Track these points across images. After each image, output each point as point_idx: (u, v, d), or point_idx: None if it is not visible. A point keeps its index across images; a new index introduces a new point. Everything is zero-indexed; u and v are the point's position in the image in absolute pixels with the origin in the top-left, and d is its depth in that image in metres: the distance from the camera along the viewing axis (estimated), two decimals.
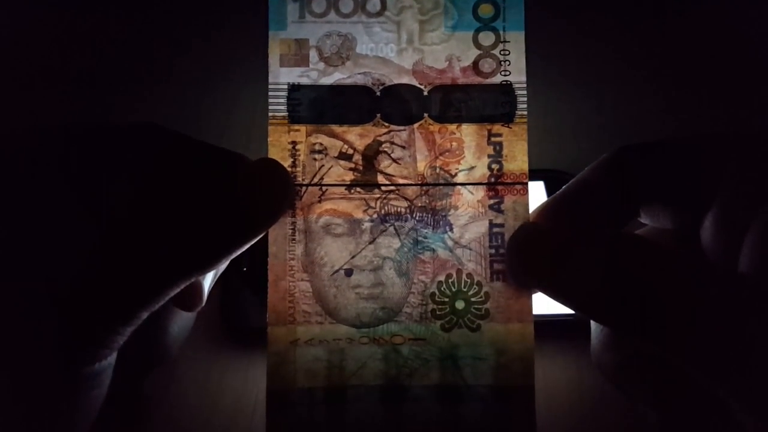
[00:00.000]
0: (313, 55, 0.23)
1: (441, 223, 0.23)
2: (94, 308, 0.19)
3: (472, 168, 0.23)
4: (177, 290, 0.20)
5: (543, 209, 0.23)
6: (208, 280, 0.25)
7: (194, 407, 0.28)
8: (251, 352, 0.29)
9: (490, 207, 0.23)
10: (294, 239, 0.23)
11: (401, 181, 0.23)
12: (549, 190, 0.32)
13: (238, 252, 0.21)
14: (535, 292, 0.23)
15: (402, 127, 0.23)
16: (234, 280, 0.30)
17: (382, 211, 0.23)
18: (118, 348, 0.20)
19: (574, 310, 0.21)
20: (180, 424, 0.27)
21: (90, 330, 0.19)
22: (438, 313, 0.23)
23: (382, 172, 0.23)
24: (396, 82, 0.23)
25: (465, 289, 0.23)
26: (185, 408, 0.28)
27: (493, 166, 0.23)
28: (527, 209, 0.23)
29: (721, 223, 0.21)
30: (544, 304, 0.28)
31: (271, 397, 0.23)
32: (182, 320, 0.26)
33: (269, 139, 0.23)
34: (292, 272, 0.23)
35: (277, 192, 0.22)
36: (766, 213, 0.20)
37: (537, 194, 0.24)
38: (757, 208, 0.20)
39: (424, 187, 0.23)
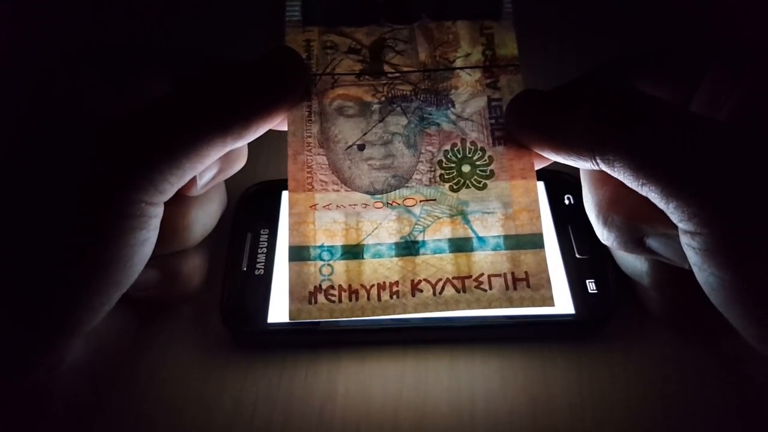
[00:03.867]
0: None
1: (444, 101, 0.25)
2: (142, 142, 0.21)
3: (468, 54, 0.26)
4: (212, 154, 0.22)
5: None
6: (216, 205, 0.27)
7: (194, 407, 0.27)
8: (251, 352, 0.29)
9: (488, 85, 0.26)
10: (310, 119, 0.25)
11: (405, 69, 0.26)
12: (549, 190, 0.33)
13: (262, 126, 0.23)
14: (534, 149, 0.24)
15: (403, 26, 0.26)
16: (234, 280, 0.30)
17: (389, 95, 0.25)
18: (164, 201, 0.22)
19: (564, 158, 0.23)
20: (180, 425, 0.27)
21: (134, 160, 0.21)
22: (446, 176, 0.25)
23: (387, 63, 0.26)
24: None
25: (470, 155, 0.25)
26: (185, 408, 0.27)
27: (487, 52, 0.26)
28: (521, 85, 0.25)
29: (706, 103, 0.23)
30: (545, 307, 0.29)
31: (292, 252, 0.24)
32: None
33: (286, 38, 0.26)
34: (309, 147, 0.25)
35: (291, 66, 0.24)
36: (743, 89, 0.22)
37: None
38: (734, 90, 0.23)
39: (427, 72, 0.26)
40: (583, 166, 0.22)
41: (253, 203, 0.33)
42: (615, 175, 0.21)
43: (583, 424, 0.27)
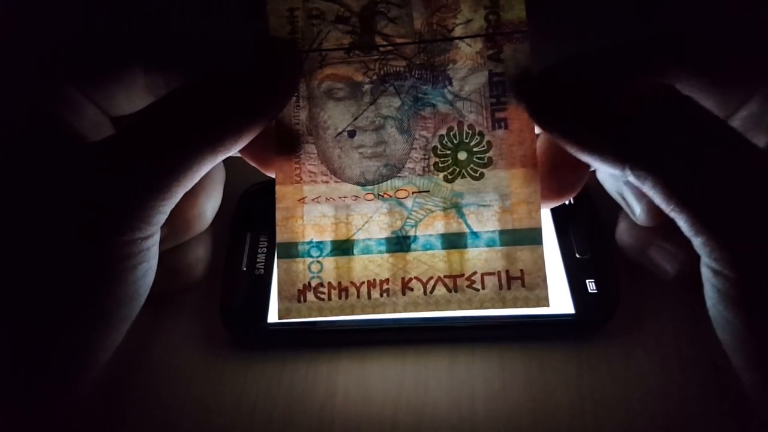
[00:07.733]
0: None
1: (440, 78, 0.23)
2: (129, 178, 0.20)
3: (468, 21, 0.23)
4: (202, 170, 0.21)
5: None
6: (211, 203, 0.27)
7: (194, 407, 0.27)
8: (251, 352, 0.29)
9: (489, 57, 0.23)
10: (298, 105, 0.24)
11: (399, 41, 0.23)
12: None
13: (256, 127, 0.22)
14: (554, 138, 0.22)
15: None
16: (234, 280, 0.30)
17: (382, 72, 0.23)
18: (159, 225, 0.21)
19: (588, 158, 0.21)
20: (180, 425, 0.27)
21: (124, 201, 0.20)
22: (441, 165, 0.23)
23: (379, 33, 0.24)
24: None
25: (467, 141, 0.23)
26: (185, 408, 0.27)
27: (491, 17, 0.23)
28: (528, 56, 0.23)
29: (750, 121, 0.22)
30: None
31: (280, 249, 0.23)
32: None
33: (268, 8, 0.23)
34: (297, 136, 0.24)
35: (284, 63, 0.22)
36: None
37: None
38: None
39: (422, 44, 0.23)
40: (609, 171, 0.21)
41: (253, 203, 0.33)
42: (645, 191, 0.20)
43: (583, 424, 0.27)
